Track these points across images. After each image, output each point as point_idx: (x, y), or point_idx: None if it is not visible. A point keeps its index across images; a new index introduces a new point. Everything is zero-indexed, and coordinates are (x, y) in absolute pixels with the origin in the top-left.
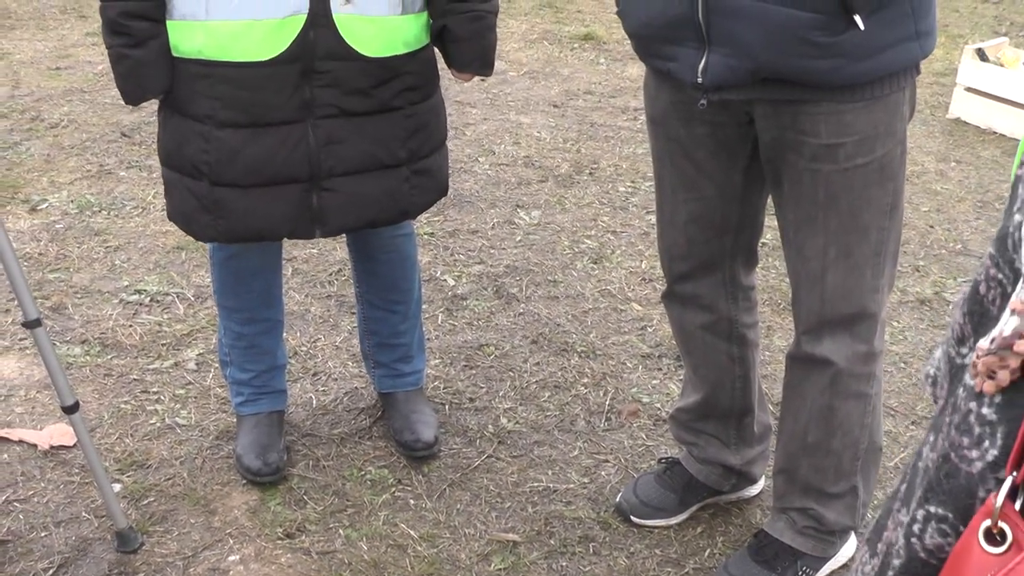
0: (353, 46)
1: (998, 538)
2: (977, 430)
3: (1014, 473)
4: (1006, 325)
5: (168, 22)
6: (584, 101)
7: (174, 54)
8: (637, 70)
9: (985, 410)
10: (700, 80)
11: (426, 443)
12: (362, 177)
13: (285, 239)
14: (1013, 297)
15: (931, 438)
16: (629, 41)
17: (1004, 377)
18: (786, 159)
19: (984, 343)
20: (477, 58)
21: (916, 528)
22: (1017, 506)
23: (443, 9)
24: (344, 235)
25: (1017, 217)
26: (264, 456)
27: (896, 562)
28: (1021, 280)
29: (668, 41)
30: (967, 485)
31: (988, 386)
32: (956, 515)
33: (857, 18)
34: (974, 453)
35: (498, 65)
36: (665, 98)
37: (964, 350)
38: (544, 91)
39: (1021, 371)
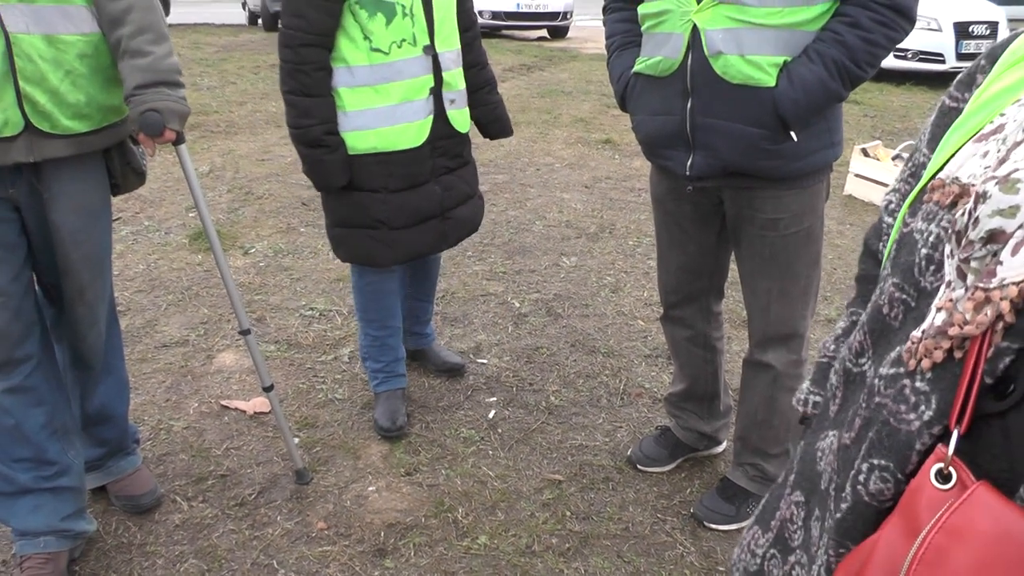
0: (455, 128)
1: (946, 478)
2: (913, 399)
3: (959, 426)
4: (935, 319)
5: (343, 133)
6: (605, 184)
7: (350, 152)
8: (640, 163)
9: (919, 383)
10: (688, 173)
11: (457, 363)
12: (462, 207)
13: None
14: (937, 300)
15: (831, 432)
16: (637, 144)
17: (938, 355)
18: (744, 228)
19: (916, 334)
20: (502, 130)
21: (861, 478)
22: (952, 452)
23: (475, 102)
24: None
25: (924, 251)
26: (392, 419)
27: (843, 505)
28: (942, 287)
29: (666, 147)
30: (907, 440)
31: (926, 363)
32: (896, 465)
33: (792, 133)
34: (912, 416)
35: (545, 159)
36: (664, 184)
37: (862, 360)
38: (579, 177)
39: (946, 353)
